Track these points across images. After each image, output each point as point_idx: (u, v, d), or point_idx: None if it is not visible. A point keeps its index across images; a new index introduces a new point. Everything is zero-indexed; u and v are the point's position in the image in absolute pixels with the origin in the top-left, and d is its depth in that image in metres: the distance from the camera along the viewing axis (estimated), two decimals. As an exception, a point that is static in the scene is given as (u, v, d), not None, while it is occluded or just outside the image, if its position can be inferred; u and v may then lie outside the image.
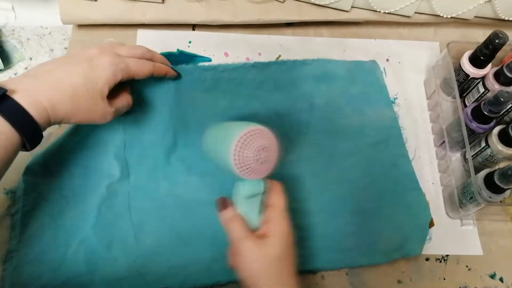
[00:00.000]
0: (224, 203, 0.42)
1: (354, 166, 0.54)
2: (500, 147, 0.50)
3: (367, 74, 0.61)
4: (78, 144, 0.50)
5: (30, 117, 0.35)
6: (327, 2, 0.59)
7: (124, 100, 0.45)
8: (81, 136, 0.50)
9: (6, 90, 0.35)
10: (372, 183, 0.53)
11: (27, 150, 0.38)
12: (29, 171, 0.48)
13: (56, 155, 0.49)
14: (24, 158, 0.50)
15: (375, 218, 0.51)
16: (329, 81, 0.59)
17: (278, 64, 0.59)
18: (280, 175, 0.49)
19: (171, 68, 0.50)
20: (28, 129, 0.36)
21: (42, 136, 0.38)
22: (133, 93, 0.49)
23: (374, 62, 0.62)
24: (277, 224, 0.40)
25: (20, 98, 0.35)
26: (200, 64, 0.60)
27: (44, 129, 0.38)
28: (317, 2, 0.59)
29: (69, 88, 0.38)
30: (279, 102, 0.56)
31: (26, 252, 0.46)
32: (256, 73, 0.57)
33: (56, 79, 0.38)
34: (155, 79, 0.49)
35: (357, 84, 0.60)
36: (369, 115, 0.57)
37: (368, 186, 0.53)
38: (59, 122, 0.39)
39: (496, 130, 0.51)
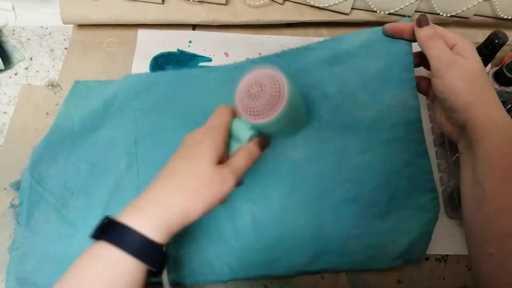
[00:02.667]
0: (425, 20, 0.41)
1: (365, 165, 0.49)
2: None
3: (391, 44, 0.48)
4: (89, 140, 0.52)
5: (155, 244, 0.32)
6: (327, 5, 0.59)
7: (239, 156, 0.38)
8: (93, 133, 0.52)
9: (118, 222, 0.32)
10: (383, 184, 0.48)
11: (156, 275, 0.34)
12: (37, 161, 0.50)
13: (66, 148, 0.51)
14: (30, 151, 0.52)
15: (383, 222, 0.48)
16: (343, 61, 0.50)
17: (279, 56, 0.55)
18: (287, 174, 0.49)
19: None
20: (154, 257, 0.32)
21: (167, 256, 0.34)
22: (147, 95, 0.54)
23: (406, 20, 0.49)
24: (466, 45, 0.40)
25: (135, 222, 0.32)
26: (203, 65, 0.60)
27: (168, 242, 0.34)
28: (316, 5, 0.60)
29: (176, 181, 0.35)
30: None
31: (32, 242, 0.47)
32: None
33: (162, 184, 0.35)
34: (166, 82, 0.54)
35: (377, 58, 0.48)
36: (388, 103, 0.48)
37: (379, 187, 0.48)
38: (181, 225, 0.34)
39: None
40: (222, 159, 0.37)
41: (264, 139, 0.40)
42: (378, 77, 0.48)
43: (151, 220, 0.33)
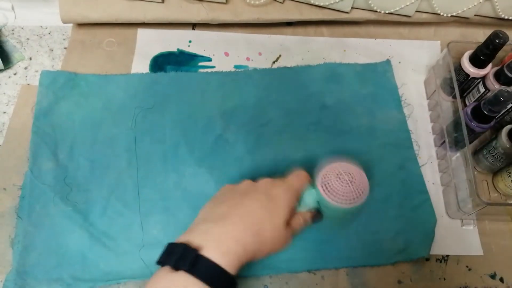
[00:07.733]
0: None
1: (363, 165, 0.53)
2: (508, 145, 0.50)
3: (378, 76, 0.61)
4: (89, 137, 0.53)
5: (224, 272, 0.34)
6: (327, 3, 0.59)
7: (298, 219, 0.42)
8: (93, 130, 0.54)
9: (197, 251, 0.34)
10: (378, 184, 0.53)
11: None
12: (37, 157, 0.51)
13: (66, 145, 0.52)
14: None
15: (380, 219, 0.51)
16: (339, 82, 0.60)
17: (281, 69, 0.61)
18: (286, 171, 0.51)
19: None
20: (223, 283, 0.34)
21: (235, 283, 0.35)
22: (146, 97, 0.56)
23: (387, 62, 0.63)
24: None
25: (212, 253, 0.34)
26: (204, 70, 0.61)
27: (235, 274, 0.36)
28: (316, 3, 0.59)
29: (255, 225, 0.37)
30: (289, 102, 0.58)
31: (33, 236, 0.47)
32: (260, 78, 0.60)
33: (240, 218, 0.37)
34: (166, 82, 0.57)
35: (368, 85, 0.60)
36: (379, 117, 0.58)
37: (375, 186, 0.52)
38: (245, 263, 0.37)
39: (505, 130, 0.51)
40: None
41: (318, 214, 0.43)
42: (370, 96, 0.59)
43: (233, 260, 0.35)
